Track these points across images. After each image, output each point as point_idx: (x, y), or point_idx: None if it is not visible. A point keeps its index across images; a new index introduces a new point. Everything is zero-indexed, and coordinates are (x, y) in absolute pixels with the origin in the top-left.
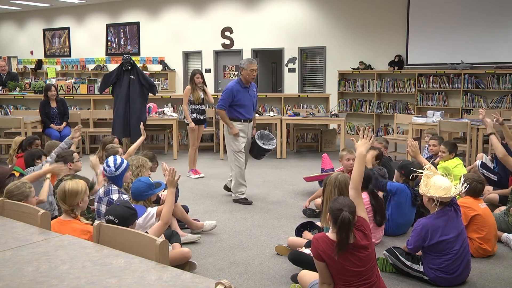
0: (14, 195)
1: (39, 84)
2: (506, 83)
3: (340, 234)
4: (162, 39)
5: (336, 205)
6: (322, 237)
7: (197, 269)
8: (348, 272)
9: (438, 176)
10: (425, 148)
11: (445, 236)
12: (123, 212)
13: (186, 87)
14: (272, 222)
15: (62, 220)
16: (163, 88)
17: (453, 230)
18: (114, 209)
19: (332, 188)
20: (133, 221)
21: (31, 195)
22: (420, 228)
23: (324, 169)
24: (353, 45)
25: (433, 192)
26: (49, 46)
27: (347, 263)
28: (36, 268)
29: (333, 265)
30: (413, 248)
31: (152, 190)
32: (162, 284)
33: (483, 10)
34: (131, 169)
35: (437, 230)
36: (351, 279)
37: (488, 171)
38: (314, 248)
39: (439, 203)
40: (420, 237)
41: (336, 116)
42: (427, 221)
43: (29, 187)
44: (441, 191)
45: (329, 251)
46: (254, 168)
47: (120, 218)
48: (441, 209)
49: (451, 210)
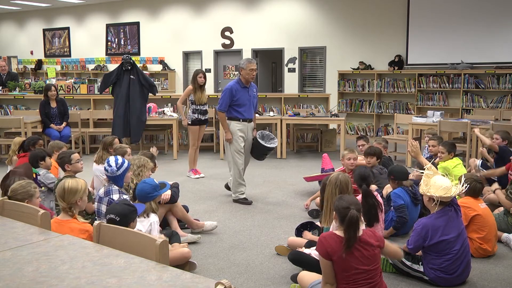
0: (19, 193)
1: (39, 84)
2: (506, 83)
3: (348, 232)
4: (162, 39)
5: (343, 204)
6: (330, 235)
7: (197, 269)
8: (353, 269)
9: (439, 176)
10: (425, 148)
11: (446, 236)
12: (123, 209)
13: (188, 86)
14: (272, 222)
15: (60, 220)
16: (163, 88)
17: (454, 230)
18: (114, 208)
19: (333, 188)
20: (133, 218)
21: (35, 195)
22: (420, 228)
23: (324, 169)
24: (353, 45)
25: (433, 192)
26: (49, 46)
27: (353, 260)
28: (36, 268)
29: (340, 262)
30: (414, 248)
31: (157, 192)
32: (162, 284)
33: (483, 10)
34: (132, 168)
35: (437, 230)
36: (357, 277)
37: (487, 169)
38: (322, 246)
39: (439, 203)
40: (421, 237)
41: (336, 116)
42: (427, 221)
43: (34, 187)
44: (441, 191)
45: (338, 248)
46: (254, 168)
47: (121, 216)
48: (441, 209)
49: (452, 210)
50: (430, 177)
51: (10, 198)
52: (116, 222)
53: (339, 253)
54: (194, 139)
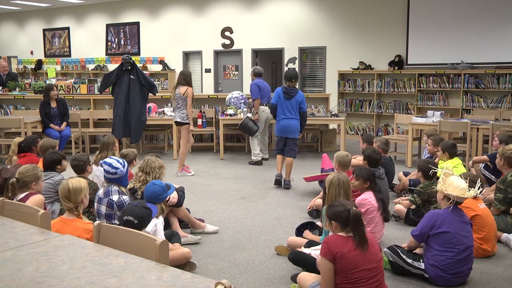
0: (27, 176)
1: (39, 84)
2: (506, 83)
3: (357, 230)
4: (162, 39)
5: (340, 209)
6: (334, 237)
7: (197, 269)
8: (358, 268)
9: (456, 177)
10: (425, 148)
11: (452, 229)
12: (142, 213)
13: (190, 89)
14: (272, 222)
15: (65, 219)
16: (163, 88)
17: (461, 229)
18: (132, 210)
19: (336, 189)
20: (149, 222)
21: (41, 178)
22: (431, 215)
23: (324, 169)
24: (353, 45)
25: (450, 191)
26: (49, 46)
27: (359, 258)
28: (36, 268)
29: (345, 262)
30: (419, 234)
31: (166, 193)
32: (162, 284)
33: (483, 10)
34: (155, 170)
35: (445, 222)
36: (360, 275)
37: (489, 172)
38: (328, 249)
39: (455, 202)
40: (429, 224)
41: (336, 116)
42: (440, 211)
43: (40, 171)
44: (459, 191)
45: (345, 248)
46: (254, 168)
47: (139, 219)
48: (454, 207)
49: (462, 212)
50: (448, 176)
51: (18, 181)
52: (133, 224)
53: (346, 253)
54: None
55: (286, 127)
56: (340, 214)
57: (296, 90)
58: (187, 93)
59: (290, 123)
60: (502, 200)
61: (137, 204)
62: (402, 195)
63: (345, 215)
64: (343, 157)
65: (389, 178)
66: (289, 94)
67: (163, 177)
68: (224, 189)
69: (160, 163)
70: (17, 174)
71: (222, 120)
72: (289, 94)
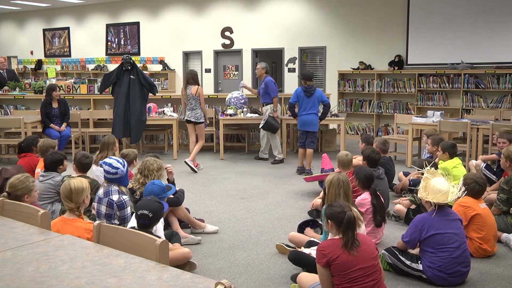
0: (19, 189)
1: (39, 84)
2: (506, 83)
3: (347, 233)
4: (162, 39)
5: (337, 209)
6: (326, 243)
7: (197, 269)
8: (354, 268)
9: (437, 179)
10: (425, 148)
11: (441, 230)
12: (156, 207)
13: (200, 87)
14: (272, 222)
15: (66, 218)
16: (163, 88)
17: (449, 227)
18: (147, 205)
19: (336, 189)
20: (161, 216)
21: (34, 189)
22: (418, 220)
23: (324, 169)
24: (353, 45)
25: (431, 198)
26: (49, 46)
27: (353, 258)
28: (36, 268)
29: (340, 264)
30: (410, 240)
31: (165, 193)
32: (162, 284)
33: (483, 10)
34: (153, 173)
35: (432, 225)
36: (357, 274)
37: (490, 172)
38: (322, 256)
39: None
40: (417, 229)
41: (336, 116)
42: (425, 215)
43: (32, 181)
44: (440, 197)
45: (338, 250)
46: (254, 168)
47: (154, 213)
48: (438, 208)
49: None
50: (428, 180)
51: (9, 194)
52: (148, 218)
53: (340, 255)
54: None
55: (306, 121)
56: (336, 215)
57: (314, 88)
58: (199, 92)
59: (310, 118)
60: (505, 201)
61: (150, 198)
62: (402, 195)
63: (341, 216)
64: (342, 156)
65: (389, 178)
66: (309, 92)
67: (162, 179)
68: (224, 189)
69: (159, 164)
70: (8, 187)
71: (222, 120)
72: (309, 92)
